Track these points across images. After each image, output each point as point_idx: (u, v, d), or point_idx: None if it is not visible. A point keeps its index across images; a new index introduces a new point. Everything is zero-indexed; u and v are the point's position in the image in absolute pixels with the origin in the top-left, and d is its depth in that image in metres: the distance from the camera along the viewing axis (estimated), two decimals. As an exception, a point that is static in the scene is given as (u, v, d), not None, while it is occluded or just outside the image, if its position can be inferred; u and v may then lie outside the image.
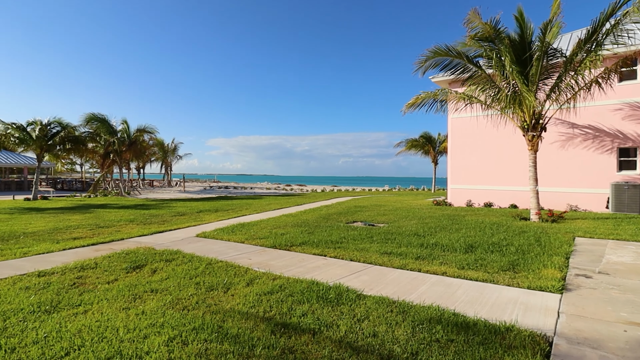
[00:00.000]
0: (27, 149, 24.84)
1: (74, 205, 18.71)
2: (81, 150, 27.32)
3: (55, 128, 23.65)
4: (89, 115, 26.50)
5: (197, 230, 10.12)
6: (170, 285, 5.04)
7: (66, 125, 24.17)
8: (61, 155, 28.56)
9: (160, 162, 51.68)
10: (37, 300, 4.37)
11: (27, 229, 10.34)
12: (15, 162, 34.92)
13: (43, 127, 23.23)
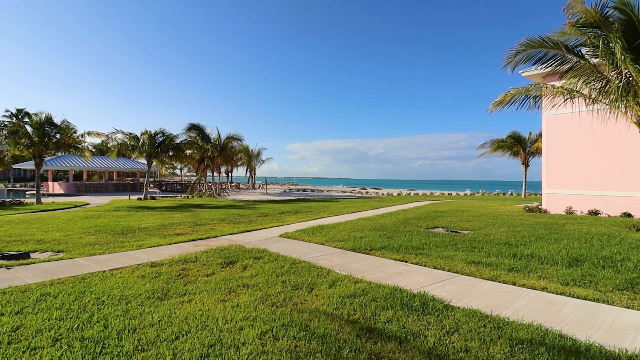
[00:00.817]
0: (139, 156, 28.57)
1: (176, 205, 20.95)
2: (180, 156, 30.54)
3: (160, 137, 26.76)
4: (189, 124, 29.52)
5: (280, 231, 10.59)
6: (260, 281, 5.34)
7: (169, 134, 27.26)
8: (165, 160, 32.24)
9: (246, 166, 55.33)
10: (151, 288, 4.96)
11: (140, 224, 11.85)
12: (130, 167, 40.35)
13: (151, 136, 26.52)
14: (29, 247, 7.92)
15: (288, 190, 45.77)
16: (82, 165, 36.27)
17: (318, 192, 42.50)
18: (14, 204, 19.43)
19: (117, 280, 5.32)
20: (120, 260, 6.71)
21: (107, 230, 10.50)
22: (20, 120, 21.09)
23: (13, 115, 21.29)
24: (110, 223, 11.97)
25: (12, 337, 3.38)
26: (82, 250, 7.58)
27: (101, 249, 7.69)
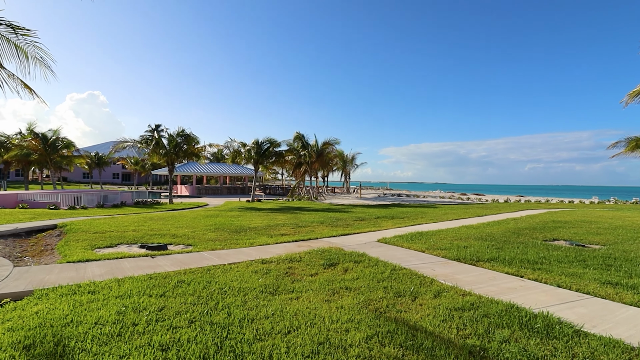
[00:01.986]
0: (247, 162, 31.39)
1: (279, 207, 22.42)
2: (281, 162, 32.62)
3: (266, 145, 28.99)
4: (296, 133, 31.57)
5: (378, 236, 10.51)
6: (361, 285, 5.36)
7: (273, 142, 29.38)
8: (268, 166, 34.83)
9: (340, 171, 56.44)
10: (263, 283, 5.38)
11: (250, 224, 12.98)
12: (239, 173, 44.59)
13: (258, 144, 28.93)
14: (165, 240, 9.31)
15: (382, 195, 45.24)
16: (203, 171, 41.36)
17: (413, 198, 41.08)
18: (153, 203, 23.08)
19: (235, 273, 5.91)
20: (236, 255, 7.43)
21: (224, 228, 11.75)
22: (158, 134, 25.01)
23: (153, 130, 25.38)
24: (226, 222, 13.36)
25: (158, 316, 4.00)
26: (205, 245, 8.61)
27: (220, 245, 8.63)
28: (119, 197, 22.35)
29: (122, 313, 3.99)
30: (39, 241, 9.46)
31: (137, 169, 54.36)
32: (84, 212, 16.05)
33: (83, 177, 66.89)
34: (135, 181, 62.98)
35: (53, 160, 34.37)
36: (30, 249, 8.58)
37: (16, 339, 3.33)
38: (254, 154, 28.79)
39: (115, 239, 9.13)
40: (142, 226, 11.59)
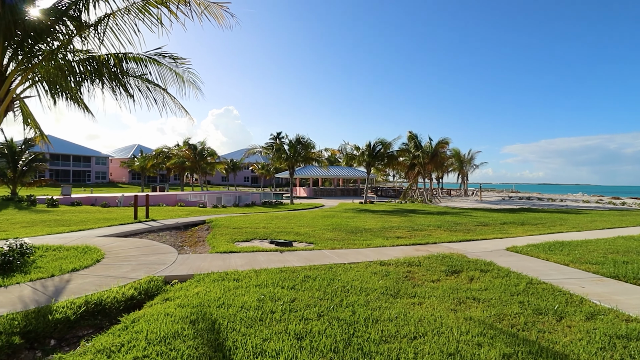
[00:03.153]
0: (359, 164, 31.85)
1: (392, 210, 22.12)
2: (393, 163, 32.08)
3: (379, 147, 28.97)
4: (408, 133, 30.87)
5: (506, 244, 9.45)
6: (491, 297, 4.90)
7: (384, 143, 29.17)
8: (380, 168, 34.67)
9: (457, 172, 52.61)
10: (384, 285, 5.37)
11: (365, 225, 13.13)
12: (352, 175, 45.59)
13: (370, 147, 29.10)
14: (290, 237, 10.09)
15: (507, 198, 40.50)
16: (318, 173, 43.62)
17: (547, 201, 35.61)
18: (277, 203, 25.33)
19: (355, 273, 6.04)
20: (355, 255, 7.59)
21: (340, 228, 12.16)
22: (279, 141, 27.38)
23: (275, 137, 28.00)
24: (342, 223, 13.79)
25: (291, 306, 4.35)
26: (325, 244, 9.04)
27: (339, 244, 8.95)
28: (250, 198, 25.15)
29: (261, 300, 4.48)
30: (194, 234, 11.31)
31: (263, 172, 60.38)
32: (224, 210, 18.55)
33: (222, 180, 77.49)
34: (262, 184, 70.12)
35: (201, 167, 40.79)
36: (187, 240, 10.33)
37: (184, 314, 4.04)
38: (366, 156, 29.06)
39: (250, 235, 10.30)
40: (270, 224, 12.81)
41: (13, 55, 6.38)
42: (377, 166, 31.87)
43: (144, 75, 7.94)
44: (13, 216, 13.33)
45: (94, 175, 63.25)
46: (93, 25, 6.42)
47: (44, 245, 7.47)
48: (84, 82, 7.32)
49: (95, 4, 6.26)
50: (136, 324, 3.76)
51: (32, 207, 16.48)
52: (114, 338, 3.41)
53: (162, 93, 8.37)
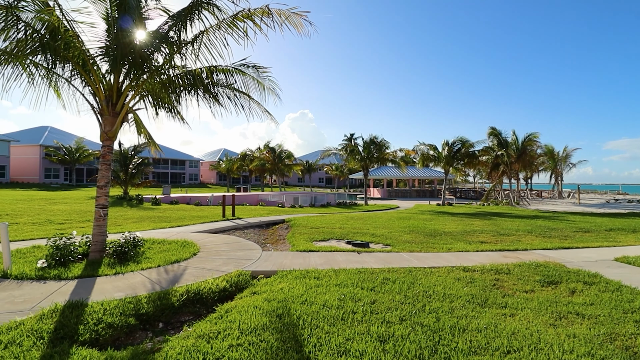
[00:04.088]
0: (436, 165, 30.39)
1: (473, 212, 20.69)
2: (474, 163, 29.93)
3: (458, 145, 27.36)
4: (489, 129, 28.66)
5: (614, 253, 8.19)
6: (600, 313, 4.28)
7: (465, 142, 27.40)
8: (459, 168, 32.65)
9: (549, 172, 47.15)
10: (469, 292, 5.04)
11: (444, 229, 12.48)
12: (428, 176, 43.73)
13: (449, 146, 27.59)
14: (366, 238, 10.03)
15: (612, 201, 35.07)
16: (392, 174, 42.72)
17: (669, 206, 29.95)
18: (351, 204, 25.41)
19: (436, 278, 5.77)
20: (435, 260, 7.26)
21: (417, 230, 11.73)
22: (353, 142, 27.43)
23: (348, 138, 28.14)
24: (420, 225, 13.30)
25: (372, 308, 4.32)
26: (403, 246, 8.80)
27: (417, 247, 8.64)
28: (325, 198, 25.63)
29: (342, 300, 4.52)
30: (274, 232, 11.89)
31: (337, 174, 61.12)
32: (301, 210, 19.19)
33: (297, 181, 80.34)
34: (336, 184, 71.03)
35: (279, 168, 42.83)
36: (269, 238, 10.89)
37: (271, 308, 4.25)
38: (444, 156, 27.63)
39: (327, 234, 10.48)
40: (345, 224, 12.89)
41: (127, 73, 7.36)
42: (456, 166, 30.07)
43: (231, 85, 8.55)
44: (125, 212, 15.44)
45: (188, 177, 70.31)
46: (190, 42, 7.11)
47: (151, 239, 8.51)
48: (182, 94, 8.14)
49: (192, 23, 6.92)
50: (229, 314, 4.07)
51: (139, 205, 18.93)
52: (211, 325, 3.74)
53: (248, 100, 8.92)
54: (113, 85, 7.08)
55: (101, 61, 7.20)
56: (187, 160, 70.46)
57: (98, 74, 6.98)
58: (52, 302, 4.21)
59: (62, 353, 3.06)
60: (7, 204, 17.08)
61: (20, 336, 3.30)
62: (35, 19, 6.28)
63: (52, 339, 3.32)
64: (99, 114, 7.09)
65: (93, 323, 3.65)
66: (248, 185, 49.78)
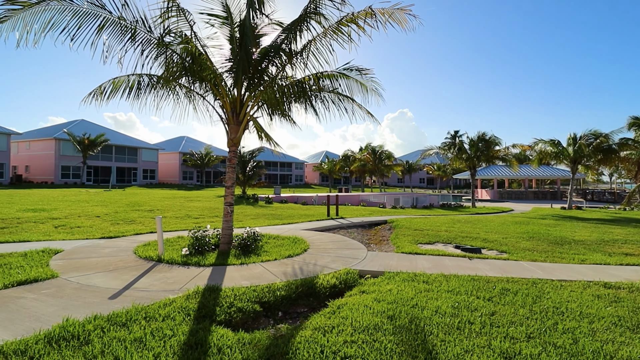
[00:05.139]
0: (559, 162, 26.21)
1: (610, 218, 17.26)
2: (612, 159, 24.88)
3: (589, 139, 23.19)
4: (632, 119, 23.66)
5: None
6: None
7: (599, 135, 23.02)
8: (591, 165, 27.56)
9: None
10: (614, 313, 4.19)
11: (574, 236, 10.67)
12: (549, 175, 38.08)
13: (575, 140, 23.53)
14: (477, 243, 9.21)
15: None
16: (504, 173, 38.43)
17: None
18: (456, 206, 23.71)
19: (569, 293, 4.96)
20: (565, 272, 6.25)
21: (539, 237, 10.28)
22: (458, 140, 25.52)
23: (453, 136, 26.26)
24: (541, 231, 11.64)
25: (491, 320, 3.92)
26: (522, 254, 7.81)
27: (540, 257, 7.56)
28: (427, 200, 24.45)
29: (456, 308, 4.22)
30: (377, 232, 11.81)
31: (440, 174, 57.76)
32: (402, 212, 18.67)
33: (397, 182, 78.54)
34: (438, 185, 67.18)
35: (379, 169, 42.53)
36: (372, 238, 10.86)
37: (381, 308, 4.21)
38: (571, 152, 23.64)
39: (432, 237, 9.95)
40: (452, 227, 12.06)
41: (247, 86, 8.15)
42: (586, 163, 25.46)
43: (335, 89, 8.77)
44: (244, 210, 17.21)
45: (294, 178, 75.03)
46: (299, 52, 7.53)
47: (267, 234, 9.29)
48: (292, 102, 8.67)
49: (301, 34, 7.30)
50: (341, 310, 4.16)
51: (255, 203, 20.89)
52: (326, 320, 3.88)
53: (351, 103, 9.05)
54: (236, 97, 7.94)
55: (227, 77, 8.13)
56: (294, 163, 75.16)
57: (225, 89, 7.90)
58: (195, 284, 4.92)
59: (204, 329, 3.55)
60: (157, 201, 20.68)
61: (173, 311, 3.93)
62: (179, 48, 7.45)
63: (196, 317, 3.86)
64: (226, 123, 8.03)
65: (227, 306, 4.14)
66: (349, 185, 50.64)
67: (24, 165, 43.73)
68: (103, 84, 7.89)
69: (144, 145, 51.95)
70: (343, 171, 53.91)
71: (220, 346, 3.19)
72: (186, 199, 22.65)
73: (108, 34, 6.44)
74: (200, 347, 3.17)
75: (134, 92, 7.89)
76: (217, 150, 58.94)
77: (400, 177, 68.61)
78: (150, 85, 7.98)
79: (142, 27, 6.67)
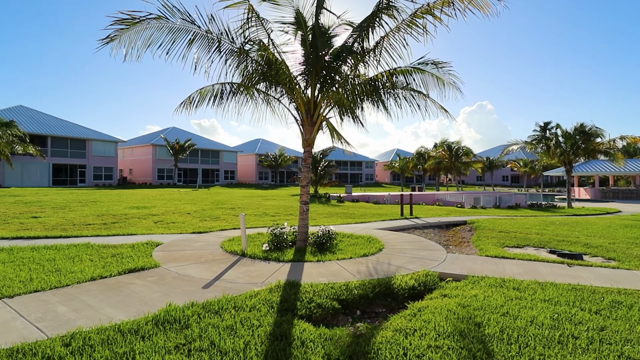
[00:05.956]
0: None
1: None
2: None
3: None
4: None
5: None
6: None
7: None
8: None
9: None
10: None
11: None
12: None
13: None
14: (577, 248, 8.15)
15: None
16: (608, 170, 33.44)
17: None
18: (548, 206, 21.29)
19: None
20: (699, 286, 5.20)
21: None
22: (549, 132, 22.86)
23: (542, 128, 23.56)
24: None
25: (601, 336, 3.44)
26: (636, 263, 6.72)
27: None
28: (513, 199, 22.38)
29: (556, 320, 3.79)
30: (456, 233, 11.16)
31: (526, 170, 52.45)
32: (483, 212, 17.36)
33: (476, 180, 73.34)
34: (524, 183, 61.03)
35: (456, 166, 40.16)
36: (451, 239, 10.29)
37: (467, 314, 3.96)
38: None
39: (521, 240, 9.08)
40: (544, 230, 10.86)
41: (320, 87, 8.30)
42: None
43: (409, 85, 8.49)
44: (317, 209, 17.60)
45: (364, 177, 74.62)
46: (372, 50, 7.45)
47: (341, 232, 9.38)
48: (363, 100, 8.60)
49: (373, 30, 7.20)
50: (422, 313, 4.02)
51: (327, 202, 21.24)
52: (407, 322, 3.78)
53: (425, 99, 8.70)
54: (310, 99, 8.15)
55: (300, 80, 8.38)
56: (364, 162, 74.75)
57: (299, 91, 8.17)
58: (276, 279, 5.18)
59: (287, 322, 3.71)
60: (237, 199, 22.24)
61: (258, 303, 4.18)
62: (257, 55, 7.90)
63: (279, 309, 4.06)
64: (301, 125, 8.29)
65: (307, 301, 4.27)
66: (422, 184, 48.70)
67: (128, 169, 50.47)
68: (192, 94, 8.70)
69: (224, 148, 56.33)
70: (416, 169, 51.99)
71: (303, 339, 3.30)
72: (262, 198, 23.96)
73: (197, 46, 7.10)
74: (284, 338, 3.32)
75: (217, 100, 8.55)
76: (289, 151, 61.32)
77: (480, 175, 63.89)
78: (232, 92, 8.57)
79: (225, 38, 7.22)
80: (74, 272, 5.35)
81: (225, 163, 55.95)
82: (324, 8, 7.60)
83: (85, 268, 5.62)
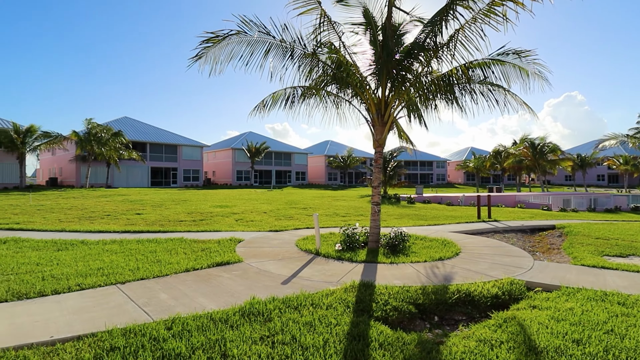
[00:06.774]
0: None
1: None
2: None
3: None
4: None
5: None
6: None
7: None
8: None
9: None
10: None
11: None
12: None
13: None
14: None
15: None
16: None
17: None
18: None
19: None
20: None
21: None
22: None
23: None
24: None
25: None
26: None
27: None
28: (612, 201, 19.47)
29: (680, 345, 3.19)
30: (543, 239, 10.05)
31: (628, 169, 45.25)
32: (575, 215, 15.39)
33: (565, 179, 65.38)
34: (625, 183, 52.57)
35: (540, 165, 36.22)
36: (537, 245, 9.30)
37: (562, 329, 3.54)
38: None
39: (625, 249, 7.85)
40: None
41: (391, 87, 8.12)
42: None
43: (486, 79, 7.91)
44: (387, 210, 17.27)
45: (435, 177, 71.26)
46: (445, 44, 7.07)
47: (413, 235, 9.06)
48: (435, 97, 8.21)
49: (446, 24, 6.83)
50: (509, 324, 3.69)
51: (397, 203, 20.72)
52: (491, 333, 3.50)
53: (504, 92, 8.05)
54: (381, 98, 8.02)
55: (371, 80, 8.29)
56: (435, 161, 71.43)
57: (370, 92, 8.09)
58: (350, 279, 5.19)
59: (364, 323, 3.69)
60: (309, 199, 22.84)
61: (334, 302, 4.23)
62: (327, 59, 8.02)
63: (355, 310, 4.06)
64: (372, 125, 8.21)
65: (382, 303, 4.21)
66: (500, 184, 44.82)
67: (212, 171, 55.00)
68: (265, 98, 9.11)
69: (296, 150, 58.32)
70: (493, 169, 48.03)
71: (381, 342, 3.26)
72: (332, 198, 24.26)
73: (272, 55, 7.46)
74: (362, 339, 3.31)
75: (288, 103, 8.83)
76: (357, 152, 61.19)
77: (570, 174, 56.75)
78: (302, 95, 8.80)
79: (298, 45, 7.46)
80: (172, 264, 5.98)
81: (297, 164, 57.88)
82: (395, 6, 7.44)
83: (181, 260, 6.25)
